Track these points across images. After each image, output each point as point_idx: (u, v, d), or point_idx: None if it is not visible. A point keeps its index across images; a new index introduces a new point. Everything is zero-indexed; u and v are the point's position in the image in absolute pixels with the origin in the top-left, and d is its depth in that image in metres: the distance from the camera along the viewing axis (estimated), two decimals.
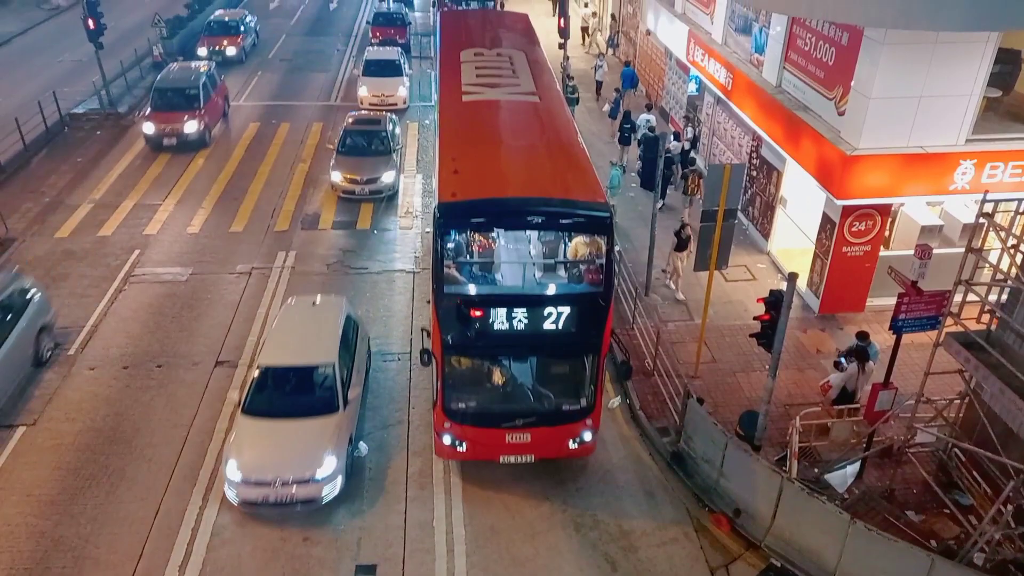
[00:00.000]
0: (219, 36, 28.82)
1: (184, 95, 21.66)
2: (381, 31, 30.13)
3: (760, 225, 16.97)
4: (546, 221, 10.07)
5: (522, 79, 14.26)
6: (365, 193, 18.62)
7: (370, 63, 25.14)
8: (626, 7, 28.41)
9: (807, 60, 14.16)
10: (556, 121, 12.79)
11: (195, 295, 15.28)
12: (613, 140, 21.99)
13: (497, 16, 23.35)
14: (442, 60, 16.11)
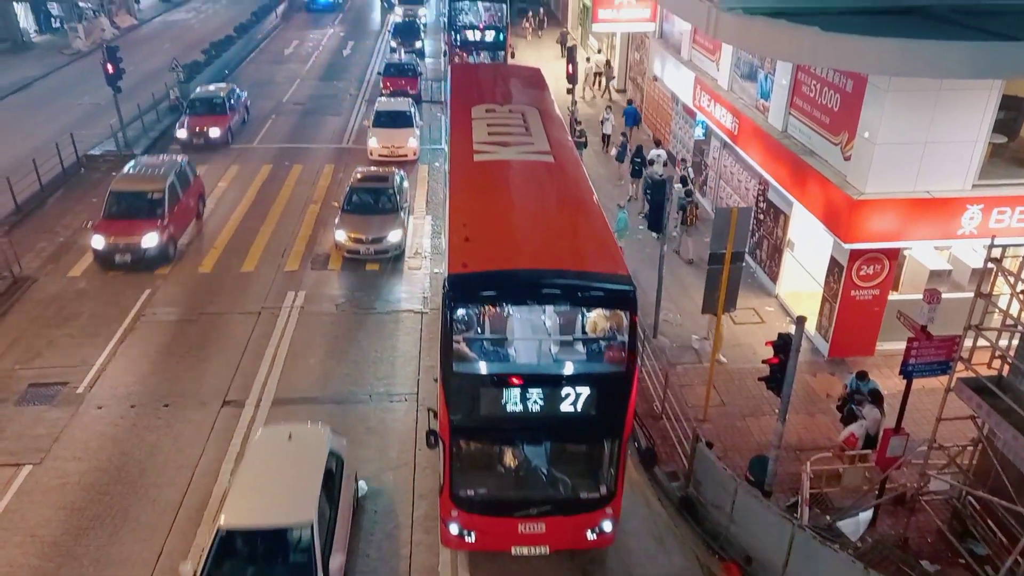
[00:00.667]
0: (203, 116, 25.37)
1: (146, 200, 18.11)
2: (392, 82, 29.69)
3: (768, 268, 16.99)
4: (564, 295, 9.43)
5: (536, 137, 13.65)
6: (370, 254, 17.87)
7: (380, 114, 24.62)
8: (633, 53, 28.92)
9: (812, 106, 14.35)
10: (572, 183, 12.23)
11: (204, 335, 15.35)
12: (621, 183, 22.22)
13: (509, 70, 22.93)
14: (453, 116, 15.52)
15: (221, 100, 25.96)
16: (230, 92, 26.77)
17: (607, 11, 24.69)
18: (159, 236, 17.56)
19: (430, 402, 13.21)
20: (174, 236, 18.24)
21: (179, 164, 19.58)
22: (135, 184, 18.53)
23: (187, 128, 25.02)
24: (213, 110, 25.54)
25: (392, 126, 24.14)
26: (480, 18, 30.01)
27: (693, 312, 15.31)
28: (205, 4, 51.69)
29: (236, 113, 26.57)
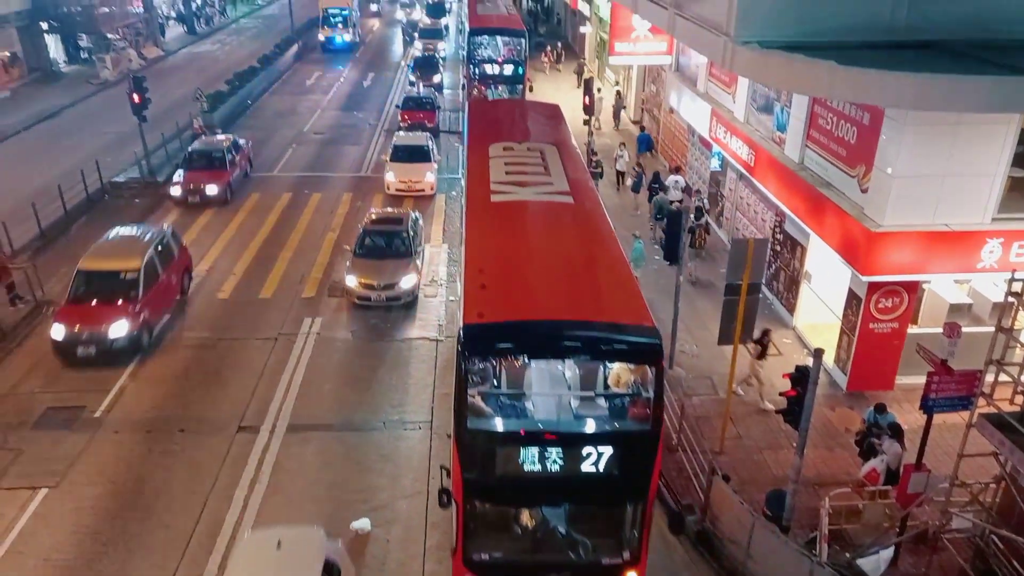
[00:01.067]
0: (200, 171, 23.14)
1: (117, 282, 15.51)
2: (410, 115, 29.48)
3: (785, 300, 16.90)
4: (586, 348, 8.96)
5: (555, 177, 13.29)
6: (382, 300, 17.10)
7: (398, 148, 24.33)
8: (649, 86, 29.17)
9: (829, 138, 14.38)
10: (592, 226, 11.82)
11: (221, 360, 15.45)
12: (637, 213, 22.27)
13: (527, 107, 22.68)
14: (470, 154, 15.20)
15: (221, 154, 23.77)
16: (231, 144, 24.78)
17: (624, 44, 24.97)
18: (130, 324, 14.96)
19: (444, 430, 13.19)
20: (149, 323, 15.62)
21: (163, 235, 17.23)
22: (105, 261, 15.94)
23: (182, 185, 22.85)
24: (212, 164, 23.45)
25: (410, 160, 23.91)
26: (499, 52, 29.99)
27: (709, 342, 15.20)
28: (230, 36, 52.87)
29: (237, 167, 24.47)
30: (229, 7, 61.89)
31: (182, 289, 17.57)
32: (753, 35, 13.23)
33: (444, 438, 13.04)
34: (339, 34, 46.54)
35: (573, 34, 45.54)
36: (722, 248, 19.44)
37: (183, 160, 23.93)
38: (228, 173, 23.58)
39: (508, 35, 30.11)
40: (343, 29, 46.55)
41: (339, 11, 46.83)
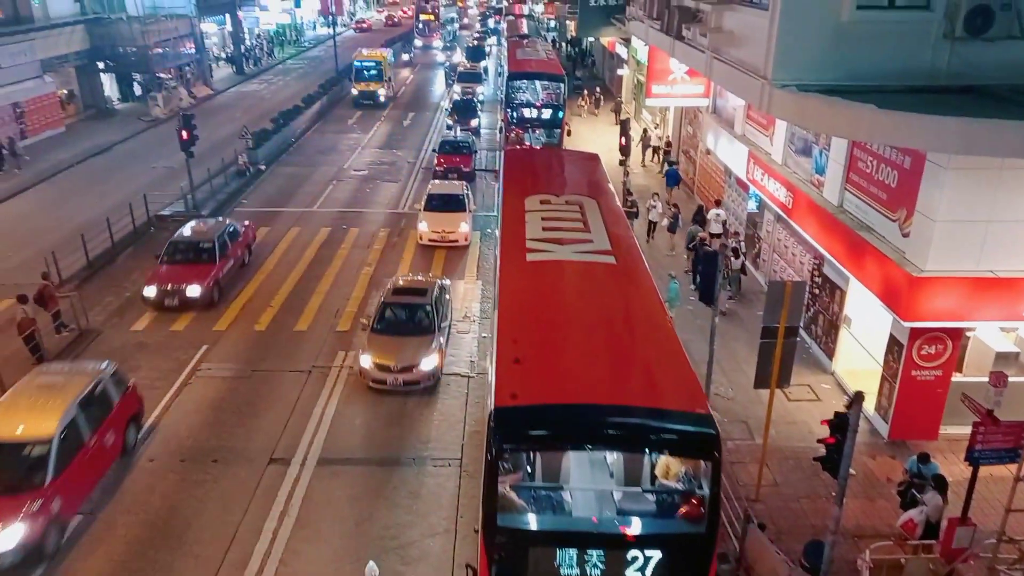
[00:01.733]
0: (181, 266, 19.04)
1: (28, 464, 11.36)
2: (446, 159, 29.00)
3: (824, 344, 16.58)
4: (632, 439, 8.11)
5: (595, 234, 12.45)
6: (398, 384, 15.27)
7: (432, 197, 23.59)
8: (686, 127, 29.27)
9: (869, 182, 14.22)
10: (637, 291, 10.94)
11: (256, 391, 15.63)
12: (672, 253, 22.18)
13: (565, 156, 22.25)
14: (505, 207, 14.29)
15: (210, 245, 19.59)
16: (223, 231, 20.40)
17: (661, 86, 25.17)
18: (30, 526, 10.78)
19: (474, 467, 13.10)
20: (62, 518, 11.51)
21: (101, 379, 13.05)
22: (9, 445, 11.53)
23: (157, 284, 18.48)
24: (198, 257, 19.33)
25: (444, 210, 23.10)
26: (537, 96, 29.83)
27: (746, 386, 14.98)
28: (276, 76, 54.57)
29: (230, 259, 20.14)
30: (276, 49, 64.04)
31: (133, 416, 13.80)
32: (791, 78, 13.26)
33: (474, 476, 12.94)
34: (372, 89, 43.50)
35: (610, 76, 46.08)
36: (759, 290, 19.22)
37: (164, 249, 19.71)
38: (216, 268, 19.29)
39: (547, 79, 29.94)
40: (377, 84, 43.68)
41: (373, 64, 44.07)
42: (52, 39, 35.78)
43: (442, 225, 22.80)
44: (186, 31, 45.17)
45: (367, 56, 44.99)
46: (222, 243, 20.07)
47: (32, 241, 22.76)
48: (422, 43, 67.93)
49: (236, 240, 21.03)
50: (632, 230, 14.43)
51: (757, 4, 15.04)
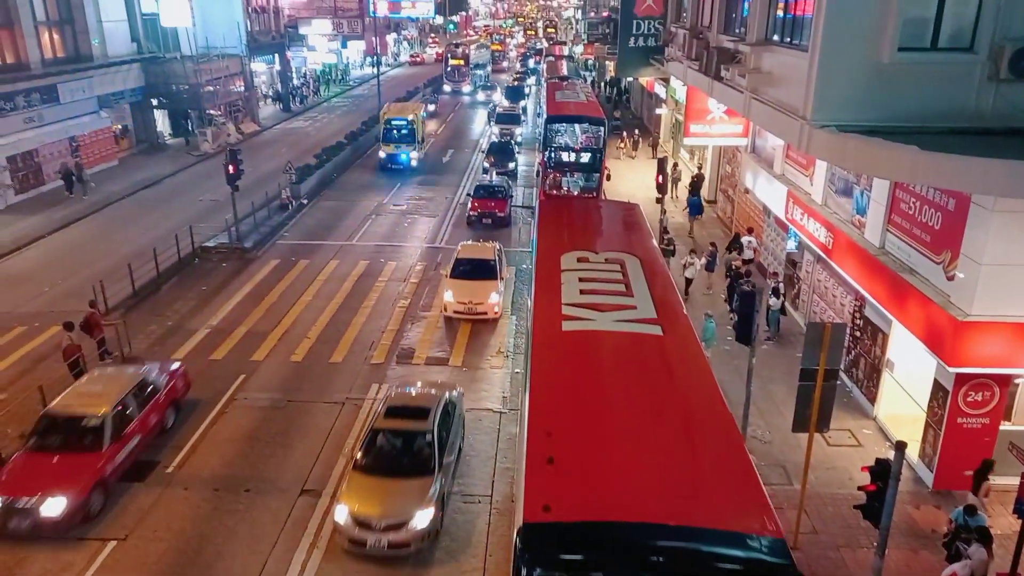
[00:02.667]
0: (49, 454, 12.81)
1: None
2: (481, 203, 28.35)
3: (865, 388, 16.16)
4: (690, 569, 6.80)
5: (639, 298, 11.39)
6: (381, 547, 11.59)
7: (460, 263, 21.21)
8: (724, 166, 29.19)
9: (912, 223, 13.97)
10: (690, 372, 9.72)
11: (290, 422, 15.76)
12: (709, 292, 21.96)
13: (603, 207, 21.14)
14: (539, 265, 13.18)
15: (98, 425, 13.21)
16: (125, 395, 13.99)
17: (699, 126, 25.21)
18: None
19: (504, 504, 12.97)
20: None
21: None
22: None
23: (3, 487, 12.30)
24: (79, 443, 13.06)
25: (472, 277, 20.56)
26: (576, 140, 28.89)
27: (784, 429, 14.64)
28: (321, 114, 56.02)
29: (130, 439, 13.79)
30: (322, 87, 65.87)
31: None
32: (831, 118, 13.19)
33: (504, 513, 12.82)
34: (402, 151, 37.35)
35: (648, 115, 46.33)
36: (798, 331, 18.88)
37: (33, 428, 13.41)
38: (101, 462, 12.95)
39: (586, 123, 28.91)
40: (407, 145, 37.56)
41: (403, 122, 37.92)
42: (109, 77, 37.35)
43: (470, 296, 20.09)
44: (236, 70, 46.76)
45: (398, 112, 38.90)
46: (119, 419, 13.62)
47: (82, 269, 23.51)
48: (451, 88, 66.52)
49: (149, 404, 14.55)
50: (669, 269, 14.08)
51: (796, 45, 15.07)
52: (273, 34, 55.89)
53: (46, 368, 17.36)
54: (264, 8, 54.84)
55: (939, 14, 12.52)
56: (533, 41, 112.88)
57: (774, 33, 16.75)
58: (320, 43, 64.00)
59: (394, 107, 41.02)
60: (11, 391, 16.58)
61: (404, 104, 44.38)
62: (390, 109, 40.14)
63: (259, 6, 53.82)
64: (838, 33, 12.91)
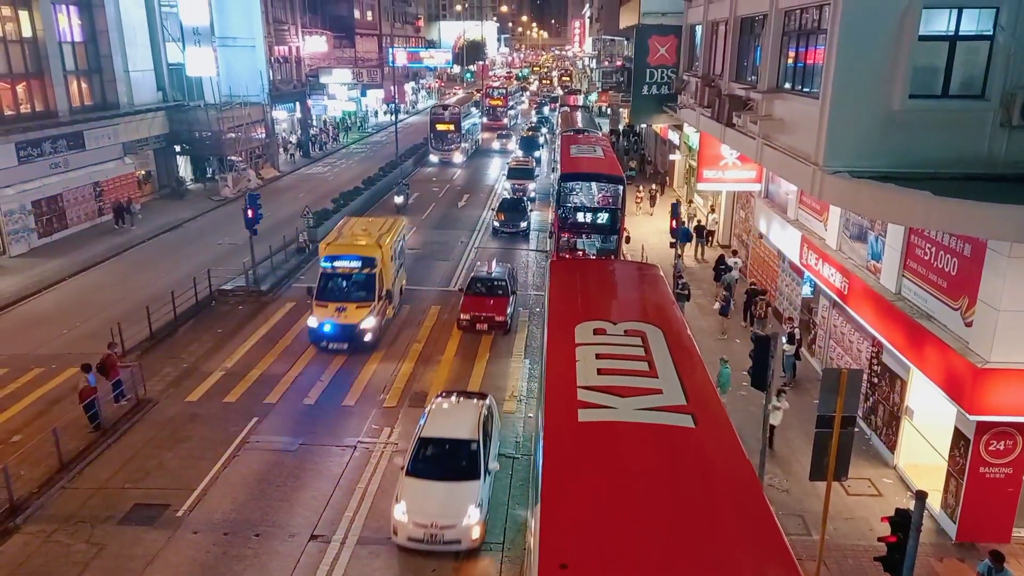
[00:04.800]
0: None
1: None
2: (475, 304, 22.31)
3: (884, 436, 15.86)
4: None
5: (664, 380, 10.11)
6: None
7: (422, 448, 13.80)
8: (738, 212, 29.26)
9: (928, 269, 13.88)
10: (728, 473, 8.40)
11: (301, 465, 15.67)
12: (724, 337, 21.83)
13: (620, 269, 19.41)
14: (550, 338, 12.07)
15: None
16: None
17: (712, 171, 25.38)
18: None
19: (515, 553, 12.74)
20: None
21: None
22: None
23: None
24: None
25: (439, 476, 13.33)
26: (592, 199, 26.73)
27: (801, 477, 14.37)
28: (339, 160, 57.00)
29: None
30: (341, 134, 67.16)
31: None
32: (843, 164, 13.27)
33: (515, 561, 12.59)
34: (343, 324, 20.76)
35: (661, 160, 46.72)
36: (814, 377, 18.64)
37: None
38: None
39: (604, 181, 26.86)
40: (358, 309, 20.94)
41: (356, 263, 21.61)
42: (135, 124, 38.34)
43: (433, 515, 12.63)
44: (258, 117, 47.84)
45: (349, 243, 22.31)
46: None
47: (100, 312, 23.80)
48: (438, 159, 53.82)
49: None
50: (688, 327, 13.35)
51: (807, 93, 15.25)
52: (295, 83, 57.28)
53: (61, 410, 17.46)
54: (287, 58, 56.34)
55: (950, 62, 12.68)
56: (548, 89, 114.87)
57: (785, 81, 16.99)
58: (340, 91, 65.47)
59: (350, 228, 24.04)
60: (26, 432, 16.66)
61: (370, 221, 25.41)
62: (342, 231, 23.71)
63: (282, 56, 55.31)
64: (849, 81, 13.08)
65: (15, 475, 14.50)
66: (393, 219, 26.07)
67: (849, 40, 12.96)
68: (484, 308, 22.29)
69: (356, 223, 25.01)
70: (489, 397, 15.65)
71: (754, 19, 19.60)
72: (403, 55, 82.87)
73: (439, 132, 53.79)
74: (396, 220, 25.86)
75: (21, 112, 32.14)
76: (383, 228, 23.83)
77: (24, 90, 32.60)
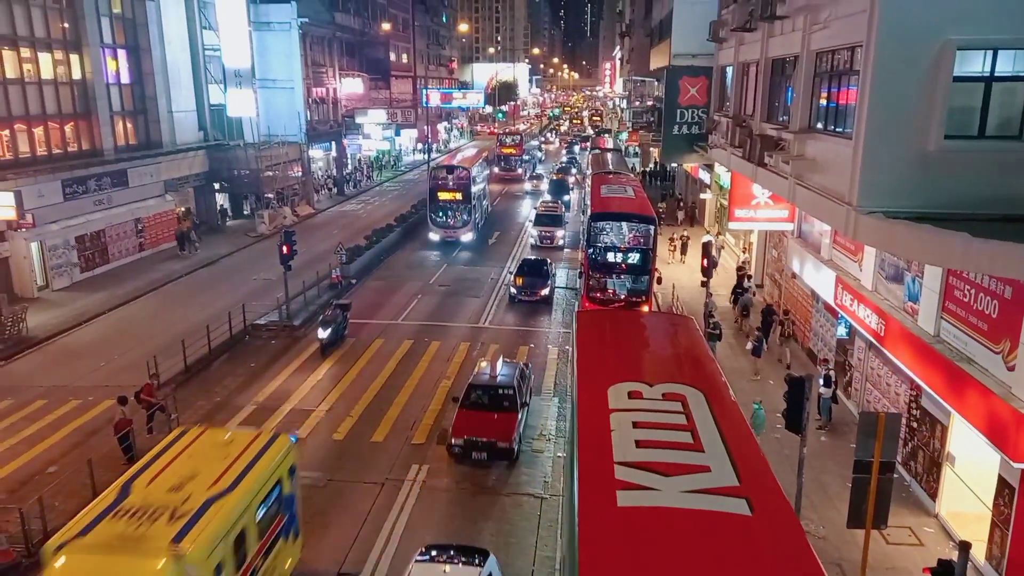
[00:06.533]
0: None
1: None
2: (470, 420, 17.41)
3: (925, 483, 15.38)
4: None
5: (711, 454, 8.94)
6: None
7: None
8: (771, 251, 29.02)
9: (967, 311, 13.58)
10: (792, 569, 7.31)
11: (329, 501, 15.66)
12: (758, 378, 21.49)
13: (650, 322, 17.81)
14: (581, 403, 10.78)
15: None
16: None
17: (744, 211, 25.24)
18: None
19: None
20: None
21: None
22: None
23: None
24: None
25: None
26: (623, 239, 26.37)
27: (838, 524, 13.95)
28: (373, 197, 57.94)
29: None
30: (375, 172, 68.40)
31: None
32: (877, 205, 13.16)
33: None
34: None
35: (692, 200, 46.65)
36: (851, 420, 18.23)
37: None
38: None
39: (635, 220, 26.51)
40: None
41: None
42: (176, 163, 39.53)
43: None
44: (295, 156, 49.02)
45: None
46: None
47: (138, 345, 24.27)
48: (439, 237, 39.78)
49: None
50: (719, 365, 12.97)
51: (840, 133, 15.21)
52: (331, 123, 58.66)
53: (97, 442, 17.73)
54: (324, 99, 57.81)
55: (986, 103, 12.59)
56: (579, 129, 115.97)
57: (817, 121, 16.97)
58: (375, 131, 66.87)
59: None
60: (62, 463, 16.93)
61: None
62: None
63: (319, 97, 56.78)
64: (882, 122, 13.04)
65: (49, 506, 14.69)
66: None
67: (882, 82, 12.94)
68: (484, 429, 17.10)
69: None
70: (490, 559, 12.06)
71: (785, 60, 19.68)
72: (436, 96, 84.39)
73: (442, 203, 39.41)
74: None
75: (68, 151, 33.35)
76: None
77: (72, 129, 33.87)
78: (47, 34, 32.25)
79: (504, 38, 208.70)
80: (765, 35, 21.01)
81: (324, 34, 56.79)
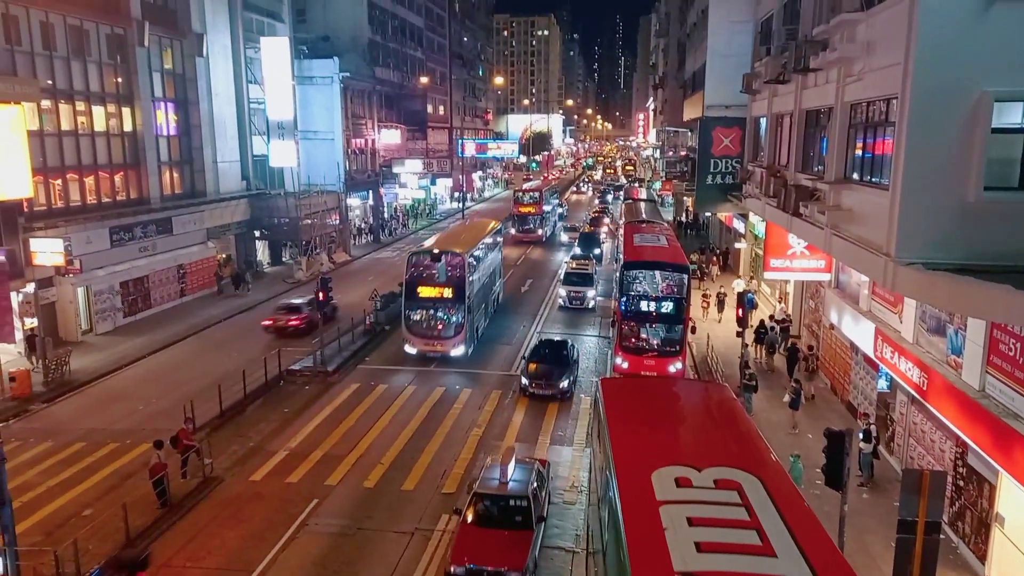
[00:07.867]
0: None
1: None
2: (475, 543, 14.39)
3: (973, 544, 14.74)
4: None
5: (783, 554, 7.83)
6: None
7: None
8: (807, 302, 28.60)
9: (1013, 365, 13.19)
10: None
11: (359, 550, 15.54)
12: (795, 431, 20.97)
13: (683, 392, 15.73)
14: (623, 493, 9.22)
15: None
16: None
17: (779, 260, 24.99)
18: None
19: None
20: None
21: None
22: None
23: None
24: None
25: None
26: (656, 288, 26.16)
27: None
28: (408, 244, 58.46)
29: None
30: (411, 220, 69.43)
31: None
32: (916, 256, 12.97)
33: None
34: None
35: (726, 247, 46.38)
36: (894, 477, 17.63)
37: None
38: None
39: (668, 269, 26.36)
40: None
41: None
42: (219, 211, 40.63)
43: None
44: (333, 204, 50.06)
45: None
46: None
47: (175, 389, 24.64)
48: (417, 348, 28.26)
49: None
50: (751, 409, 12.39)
51: (876, 184, 15.10)
52: (369, 172, 59.95)
53: (132, 485, 17.91)
54: (363, 150, 59.22)
55: None
56: (612, 178, 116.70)
57: (853, 171, 16.90)
58: (411, 180, 68.09)
59: None
60: (97, 506, 17.11)
61: None
62: None
63: (358, 148, 58.18)
64: (919, 172, 12.94)
65: (83, 549, 14.80)
66: None
67: (919, 133, 12.88)
68: (490, 554, 14.12)
69: None
70: None
71: (819, 111, 19.72)
72: (472, 146, 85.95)
73: (417, 322, 28.44)
74: None
75: (117, 199, 34.53)
76: None
77: (121, 179, 35.10)
78: (101, 88, 33.71)
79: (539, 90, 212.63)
80: (799, 87, 21.12)
81: (364, 88, 58.47)
